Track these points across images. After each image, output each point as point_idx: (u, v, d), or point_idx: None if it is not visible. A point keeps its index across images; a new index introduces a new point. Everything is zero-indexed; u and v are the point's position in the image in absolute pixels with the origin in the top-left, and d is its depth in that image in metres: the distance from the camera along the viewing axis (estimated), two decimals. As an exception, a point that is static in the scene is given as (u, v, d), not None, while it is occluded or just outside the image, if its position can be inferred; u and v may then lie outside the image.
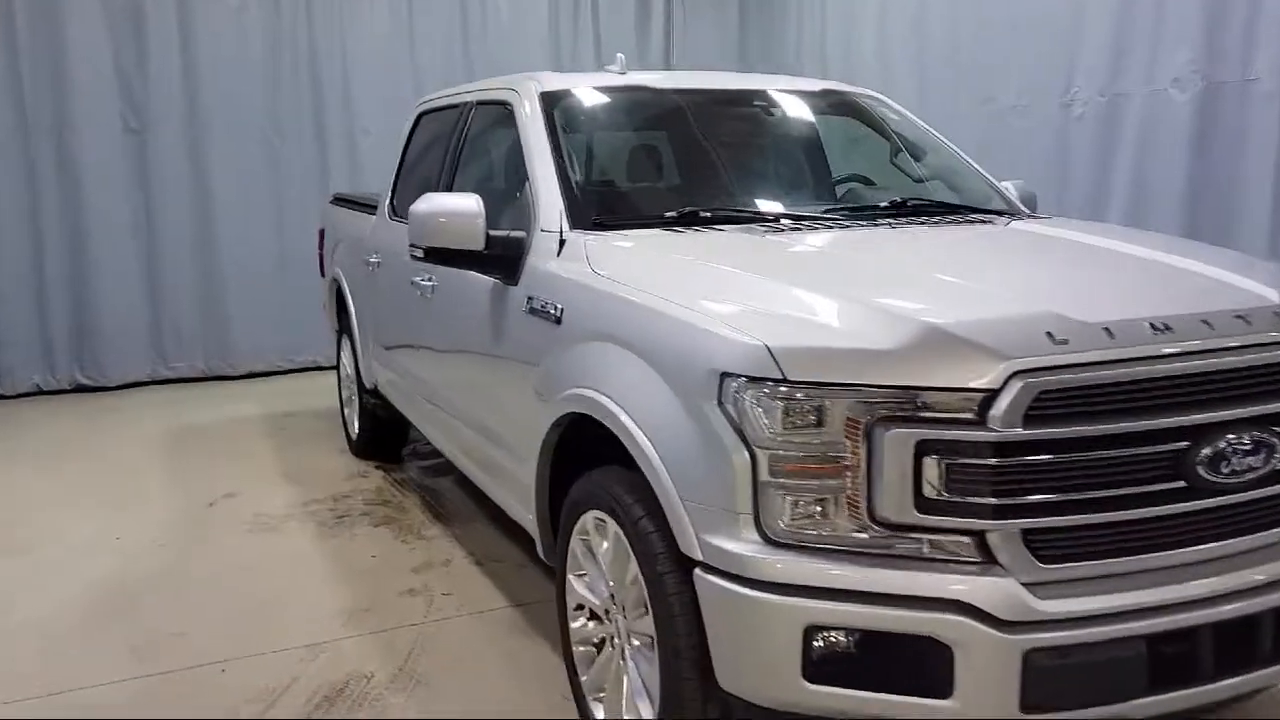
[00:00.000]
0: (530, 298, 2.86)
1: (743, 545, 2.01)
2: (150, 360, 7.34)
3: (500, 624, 3.50)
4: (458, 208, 2.96)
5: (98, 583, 3.87)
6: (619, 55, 3.59)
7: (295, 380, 7.49)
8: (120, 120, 7.02)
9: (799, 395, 1.95)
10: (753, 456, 1.99)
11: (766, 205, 3.20)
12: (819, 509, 1.97)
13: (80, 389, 7.15)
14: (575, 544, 2.67)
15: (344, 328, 5.41)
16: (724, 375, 2.03)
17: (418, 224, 2.98)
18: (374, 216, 4.77)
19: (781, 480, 1.97)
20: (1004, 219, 3.18)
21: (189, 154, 7.20)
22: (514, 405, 2.97)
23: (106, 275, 7.06)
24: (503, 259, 3.01)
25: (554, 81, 3.44)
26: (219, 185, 7.28)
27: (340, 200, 5.83)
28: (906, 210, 3.18)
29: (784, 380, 1.96)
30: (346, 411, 5.63)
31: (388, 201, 4.58)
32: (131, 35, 6.96)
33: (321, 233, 6.02)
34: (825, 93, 3.77)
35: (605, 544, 2.52)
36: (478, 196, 3.00)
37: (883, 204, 3.22)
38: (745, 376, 1.99)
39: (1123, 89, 5.25)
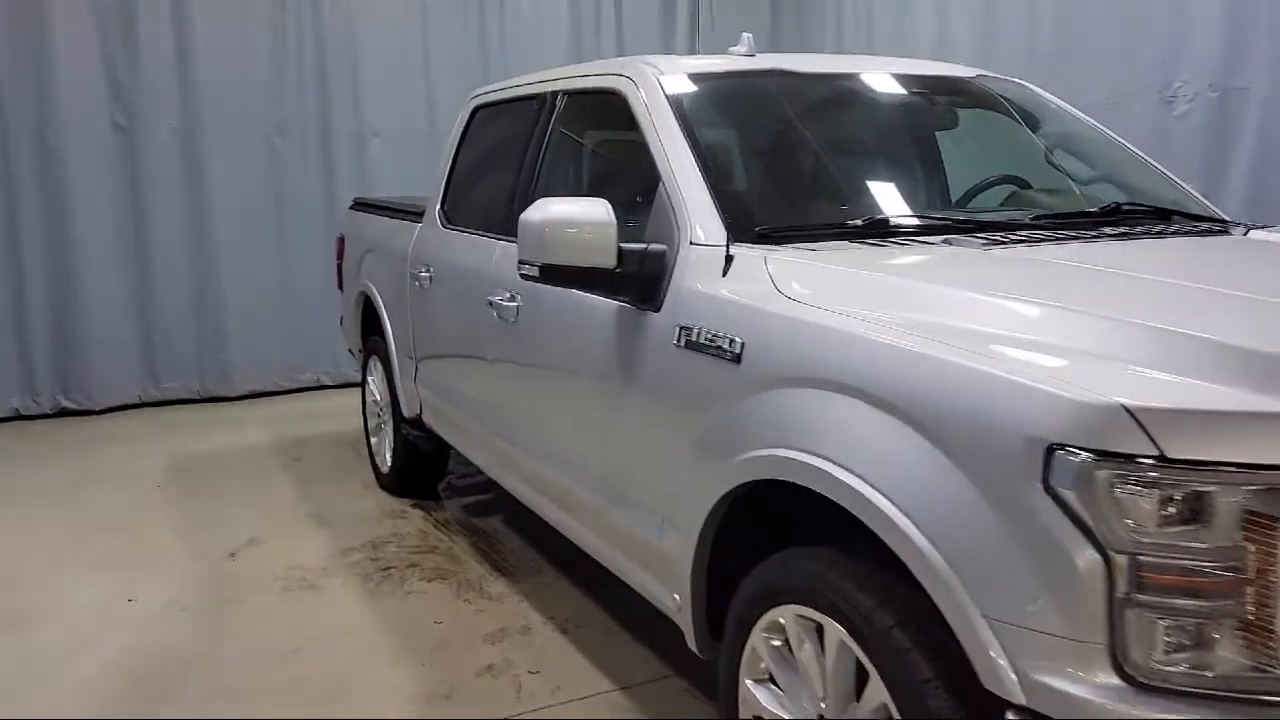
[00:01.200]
0: (684, 328, 2.28)
1: (1093, 689, 1.45)
2: (140, 381, 6.68)
3: (611, 714, 2.92)
4: (587, 216, 2.38)
5: (114, 666, 3.24)
6: (745, 35, 3.02)
7: (300, 401, 6.86)
8: (108, 117, 6.37)
9: (1182, 479, 1.40)
10: (1108, 563, 1.43)
11: (952, 212, 2.65)
12: (1207, 640, 1.42)
13: (64, 413, 6.47)
14: (758, 644, 2.10)
15: (374, 348, 4.80)
16: (1053, 448, 1.47)
17: (532, 236, 2.40)
18: (416, 224, 4.17)
19: (1154, 598, 1.42)
20: (1238, 228, 2.64)
21: (183, 153, 6.56)
22: (656, 461, 2.40)
23: (92, 287, 6.39)
24: (638, 279, 2.43)
25: (676, 66, 2.87)
26: (215, 188, 6.64)
27: (365, 205, 5.22)
28: (1113, 216, 2.63)
29: (1160, 458, 1.40)
30: (374, 441, 5.02)
31: (438, 207, 3.99)
32: (120, 24, 6.31)
33: (341, 241, 5.40)
34: (976, 79, 3.23)
35: (809, 647, 1.96)
36: (606, 203, 2.43)
37: (1093, 209, 2.68)
38: (1092, 451, 1.43)
39: (1240, 83, 4.76)
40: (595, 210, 2.40)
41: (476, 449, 3.71)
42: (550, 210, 2.42)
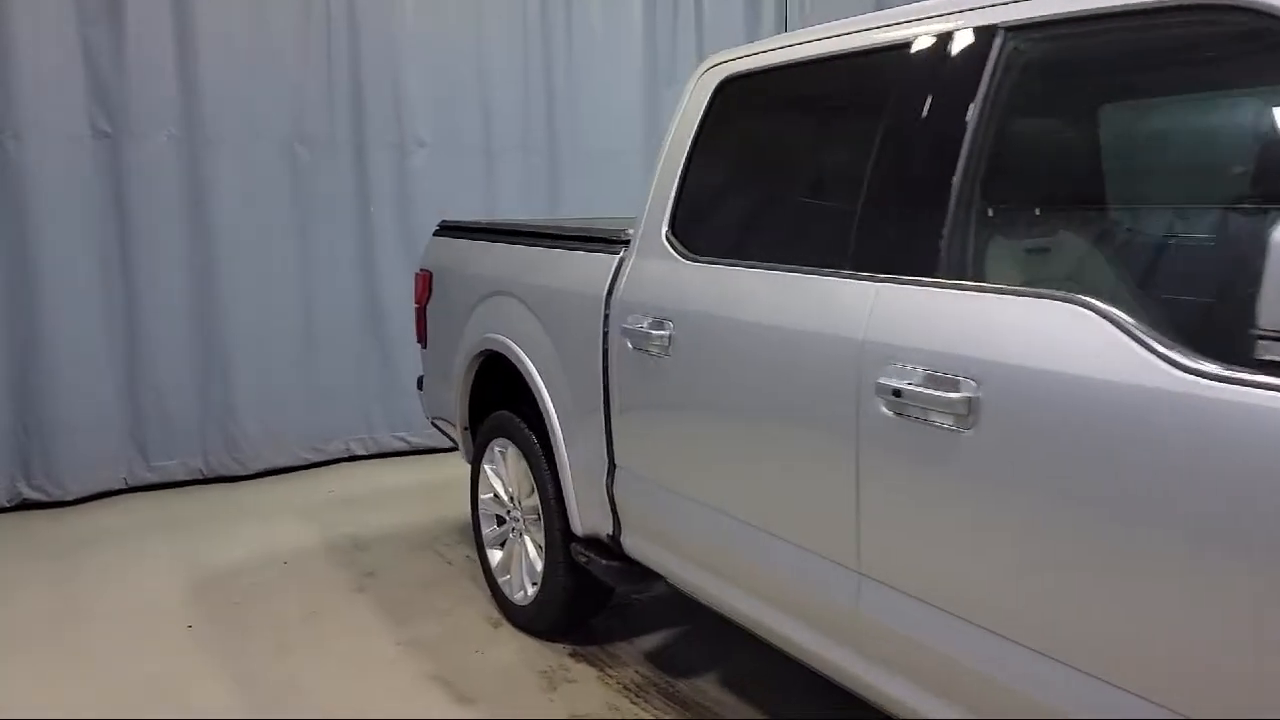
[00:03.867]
0: None
1: None
2: (125, 459, 5.17)
3: None
4: None
5: None
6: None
7: (331, 478, 5.41)
8: (86, 120, 4.89)
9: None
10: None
11: None
12: None
13: (26, 505, 4.94)
14: None
15: (502, 428, 3.41)
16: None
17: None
18: (606, 256, 2.82)
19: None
20: None
21: (182, 168, 5.11)
22: None
23: (61, 337, 4.89)
24: None
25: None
26: (223, 209, 5.20)
27: (468, 230, 3.84)
28: None
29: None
30: (497, 557, 3.62)
31: (665, 229, 2.64)
32: (104, 7, 4.85)
33: (427, 279, 4.01)
34: None
35: None
36: None
37: None
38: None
39: None
40: None
41: (775, 618, 2.33)
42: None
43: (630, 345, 2.62)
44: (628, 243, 2.80)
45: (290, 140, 5.36)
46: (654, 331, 2.52)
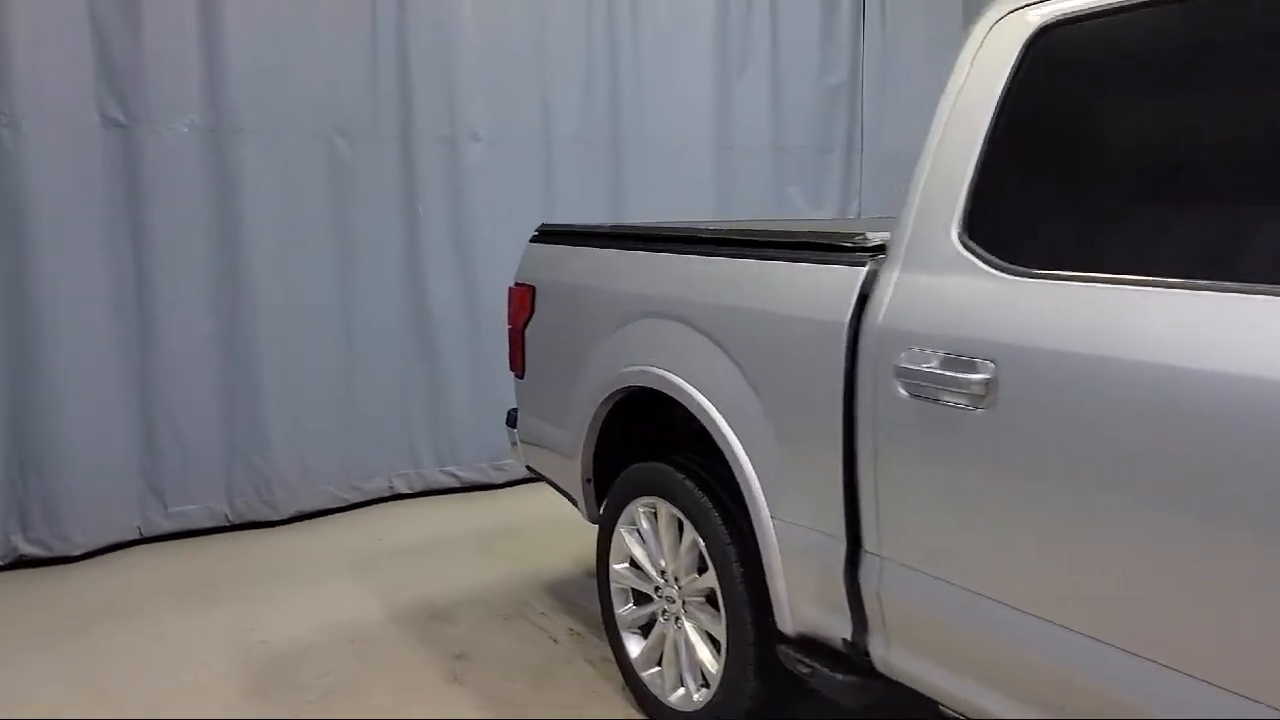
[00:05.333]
0: None
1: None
2: (139, 505, 4.41)
3: None
4: None
5: None
6: None
7: (373, 520, 4.68)
8: (96, 108, 4.13)
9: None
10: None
11: None
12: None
13: (24, 563, 4.17)
14: None
15: (645, 483, 2.70)
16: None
17: None
18: (840, 267, 2.11)
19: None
20: None
21: (205, 162, 4.36)
22: None
23: (64, 364, 4.14)
24: None
25: None
26: (251, 211, 4.45)
27: (591, 236, 3.12)
28: None
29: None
30: (638, 647, 2.90)
31: (957, 231, 1.94)
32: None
33: (529, 293, 3.29)
34: None
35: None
36: None
37: None
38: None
39: None
40: None
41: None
42: None
43: (905, 391, 1.92)
44: (877, 250, 2.09)
45: (329, 132, 4.62)
46: (959, 375, 1.82)
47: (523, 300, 3.34)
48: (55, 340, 4.07)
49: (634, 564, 2.91)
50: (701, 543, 2.55)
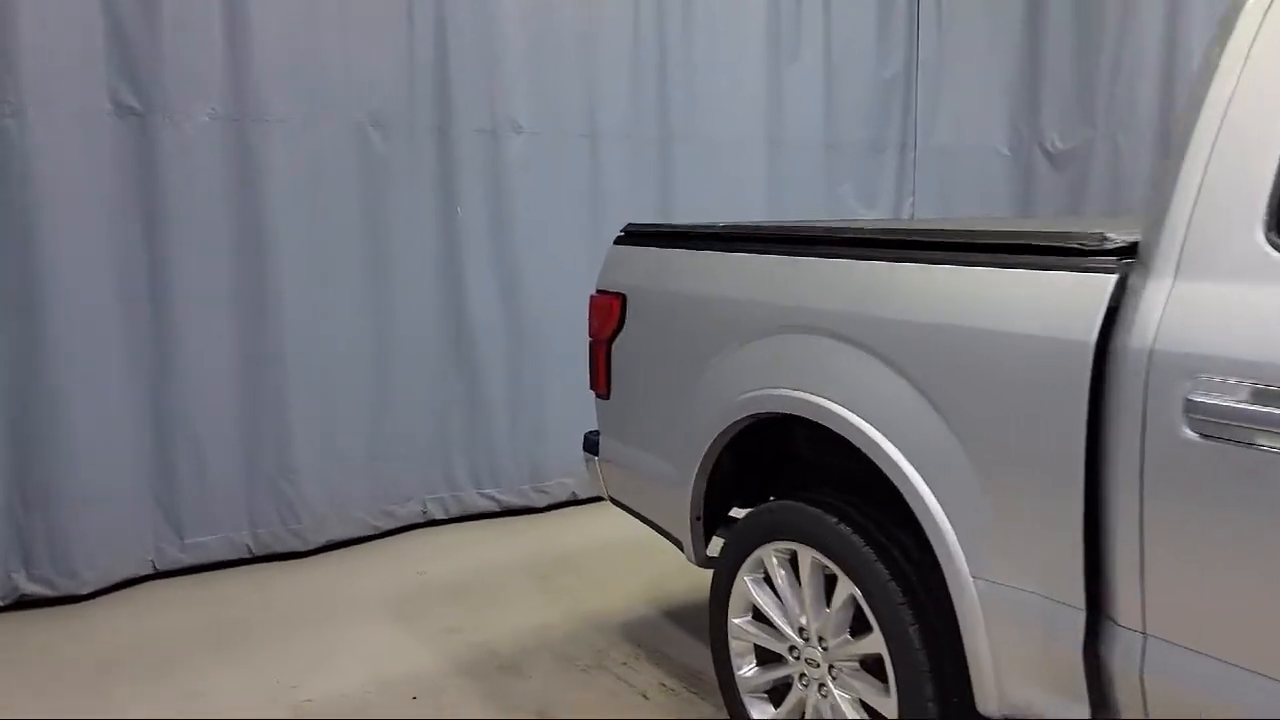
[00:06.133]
0: None
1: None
2: (153, 536, 3.97)
3: None
4: None
5: None
6: None
7: (408, 549, 4.27)
8: (107, 95, 3.70)
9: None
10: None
11: None
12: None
13: (25, 603, 3.72)
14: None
15: (790, 528, 2.29)
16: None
17: None
18: (1078, 274, 1.72)
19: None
20: None
21: (227, 155, 3.93)
22: None
23: (71, 380, 3.70)
24: None
25: None
26: (277, 209, 4.02)
27: (699, 237, 2.71)
28: None
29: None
30: (765, 712, 2.49)
31: (1263, 232, 1.54)
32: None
33: (617, 304, 2.87)
34: None
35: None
36: None
37: None
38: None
39: None
40: None
41: None
42: None
43: (1194, 432, 1.52)
44: (1124, 253, 1.69)
45: (362, 122, 4.19)
46: None
47: (609, 310, 2.92)
48: (61, 352, 3.63)
49: (758, 616, 2.50)
50: (862, 600, 2.15)
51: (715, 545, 2.67)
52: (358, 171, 4.21)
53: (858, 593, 2.16)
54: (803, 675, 2.36)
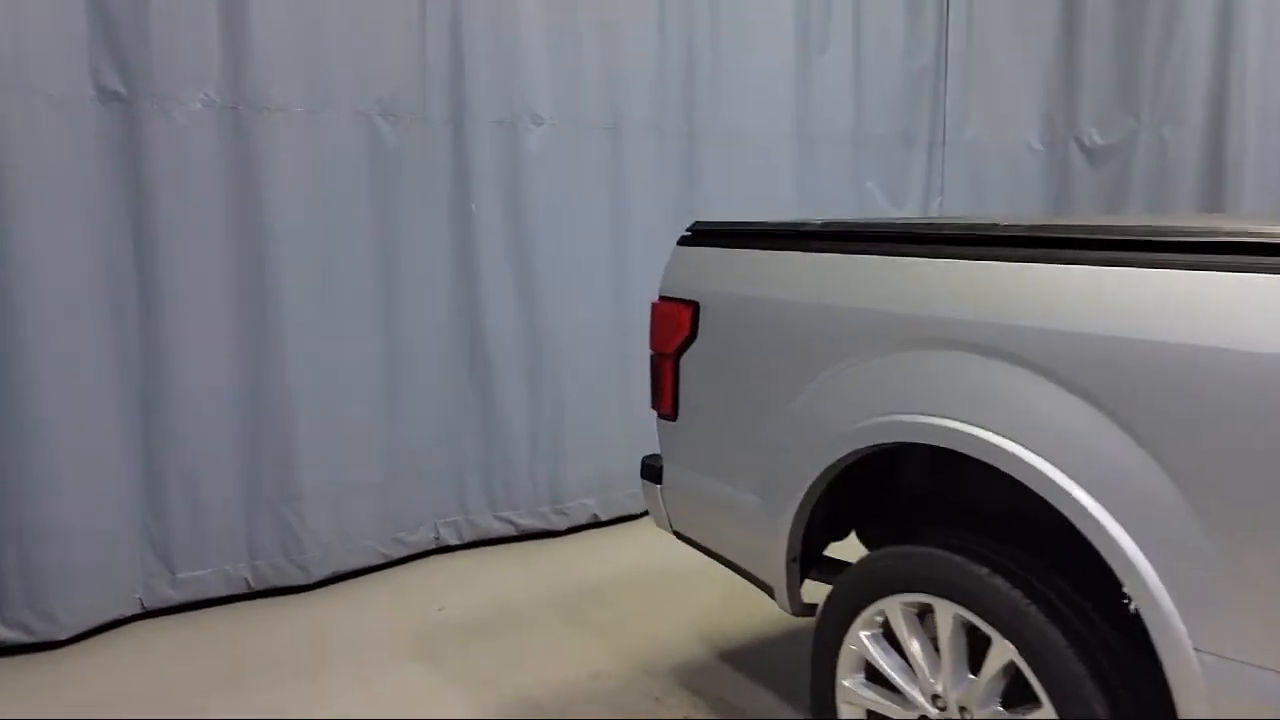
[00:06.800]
0: None
1: None
2: (141, 571, 3.57)
3: None
4: None
5: None
6: None
7: (421, 580, 3.90)
8: (88, 77, 3.28)
9: None
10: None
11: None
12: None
13: (1, 651, 3.30)
14: None
15: (925, 580, 1.93)
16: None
17: None
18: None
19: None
20: None
21: (223, 146, 3.53)
22: None
23: (49, 397, 3.28)
24: None
25: None
26: (277, 201, 3.63)
27: (788, 236, 2.36)
28: None
29: None
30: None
31: None
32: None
33: (688, 312, 2.52)
34: None
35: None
36: None
37: None
38: None
39: None
40: None
41: None
42: None
43: None
44: None
45: (370, 112, 3.80)
46: None
47: (679, 320, 2.56)
48: (35, 366, 3.22)
49: (873, 676, 2.14)
50: (1026, 668, 1.79)
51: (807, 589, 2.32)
52: (366, 166, 3.83)
53: (1020, 661, 1.80)
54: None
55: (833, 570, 2.37)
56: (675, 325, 2.58)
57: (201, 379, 3.53)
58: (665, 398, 2.63)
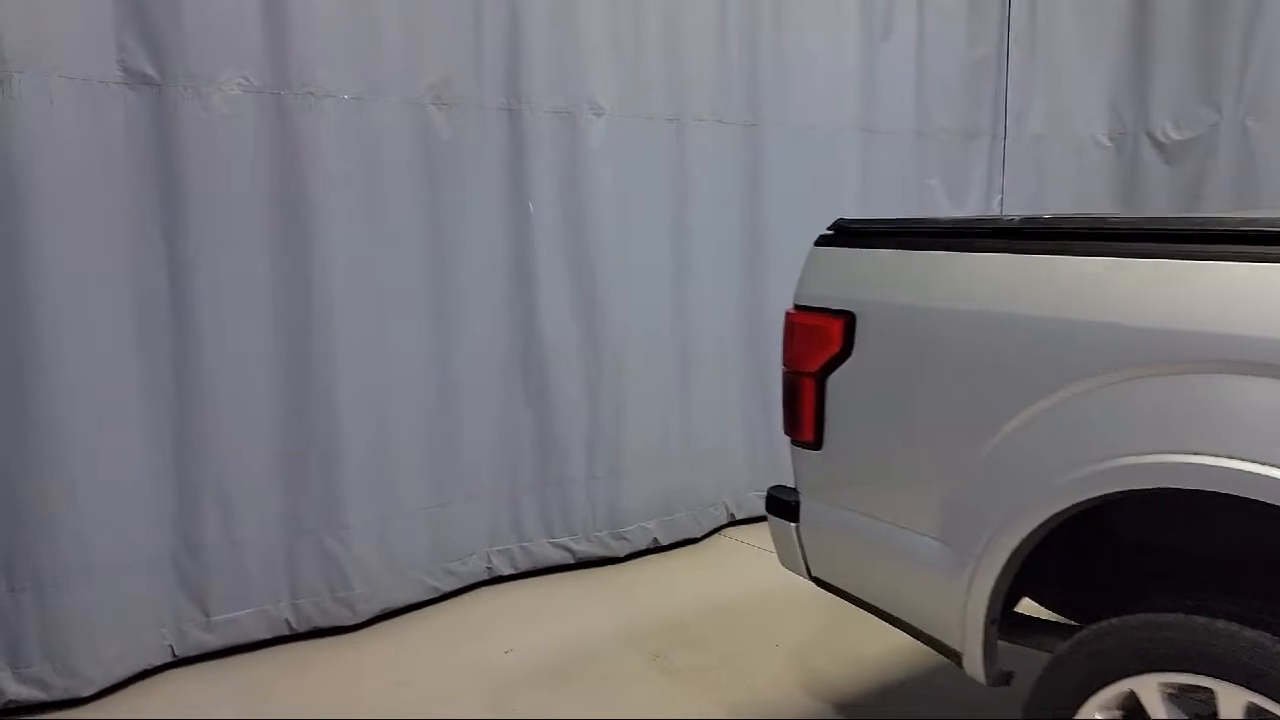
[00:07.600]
0: None
1: None
2: (172, 615, 3.16)
3: None
4: None
5: None
6: None
7: (478, 614, 3.53)
8: (115, 59, 2.88)
9: None
10: None
11: None
12: None
13: (15, 711, 2.88)
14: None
15: (1232, 668, 1.58)
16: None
17: None
18: None
19: None
20: None
21: (262, 135, 3.15)
22: None
23: (69, 419, 2.86)
24: None
25: None
26: (324, 197, 3.24)
27: (1017, 233, 1.99)
28: None
29: None
30: None
31: None
32: None
33: (840, 326, 2.16)
34: None
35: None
36: None
37: None
38: None
39: None
40: None
41: None
42: None
43: None
44: None
45: (422, 100, 3.41)
46: None
47: (827, 334, 2.20)
48: (55, 384, 2.82)
49: (1102, 765, 1.79)
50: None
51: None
52: (418, 158, 3.44)
53: (1342, 761, 1.46)
54: None
55: (1029, 632, 2.02)
56: (822, 340, 2.22)
57: (239, 396, 3.14)
58: (805, 423, 2.27)
